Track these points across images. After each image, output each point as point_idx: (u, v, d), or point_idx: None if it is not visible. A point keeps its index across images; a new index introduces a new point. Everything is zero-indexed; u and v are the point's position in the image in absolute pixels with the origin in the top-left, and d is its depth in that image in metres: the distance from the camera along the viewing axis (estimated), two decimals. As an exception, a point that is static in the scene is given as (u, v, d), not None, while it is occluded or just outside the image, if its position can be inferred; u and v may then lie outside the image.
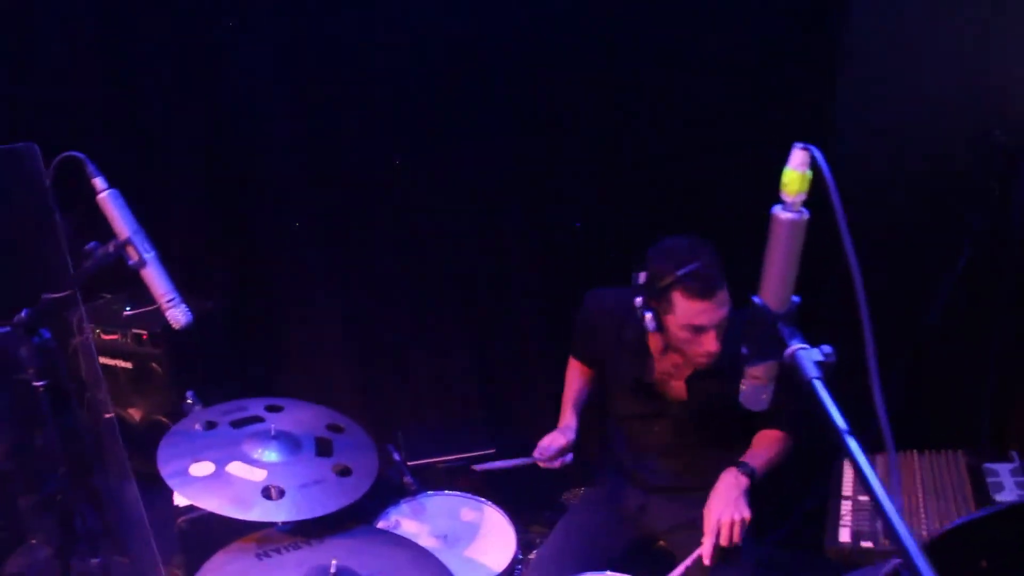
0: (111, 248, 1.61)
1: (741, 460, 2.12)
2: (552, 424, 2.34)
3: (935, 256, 2.58)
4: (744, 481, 2.06)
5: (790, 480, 2.32)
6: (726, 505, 2.01)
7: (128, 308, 3.44)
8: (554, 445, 2.18)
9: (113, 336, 3.36)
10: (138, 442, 2.87)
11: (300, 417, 2.14)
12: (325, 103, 3.27)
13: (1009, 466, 2.07)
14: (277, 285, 3.64)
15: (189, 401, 3.04)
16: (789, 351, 1.02)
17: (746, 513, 2.01)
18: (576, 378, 2.43)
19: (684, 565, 2.01)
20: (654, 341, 2.16)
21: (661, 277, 1.96)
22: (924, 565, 0.79)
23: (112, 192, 1.63)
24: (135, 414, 3.41)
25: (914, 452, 2.19)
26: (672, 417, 2.23)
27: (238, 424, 2.06)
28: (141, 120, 3.52)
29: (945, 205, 2.58)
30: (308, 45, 3.21)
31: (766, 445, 2.18)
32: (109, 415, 2.51)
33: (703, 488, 2.17)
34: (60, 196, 1.93)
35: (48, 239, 2.01)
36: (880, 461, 1.81)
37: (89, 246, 1.63)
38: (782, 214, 1.09)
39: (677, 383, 2.19)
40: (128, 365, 3.38)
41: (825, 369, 1.00)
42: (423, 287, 3.38)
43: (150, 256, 1.62)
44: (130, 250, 1.60)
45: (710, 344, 1.98)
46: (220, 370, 3.47)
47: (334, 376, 3.59)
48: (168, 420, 3.34)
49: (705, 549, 1.98)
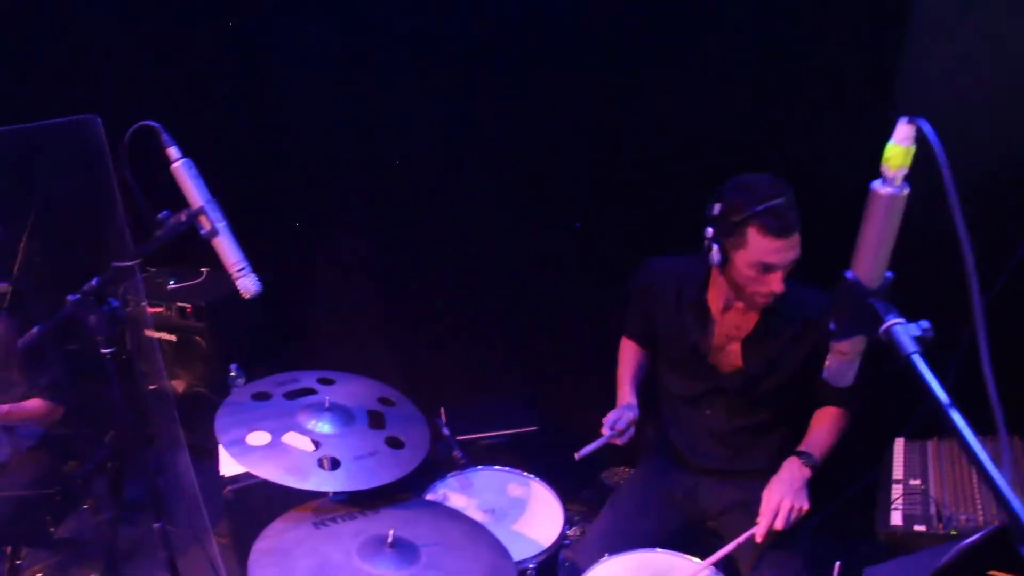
0: (183, 217, 1.61)
1: (804, 451, 2.11)
2: (590, 400, 2.33)
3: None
4: (807, 472, 2.07)
5: (834, 464, 2.30)
6: (788, 491, 2.02)
7: (172, 281, 3.48)
8: (624, 419, 2.17)
9: (157, 309, 3.41)
10: (180, 413, 2.92)
11: (352, 390, 2.14)
12: (365, 89, 3.29)
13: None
14: (319, 262, 3.67)
15: (233, 374, 3.08)
16: (885, 326, 1.01)
17: (805, 504, 2.02)
18: (631, 358, 2.41)
19: (737, 542, 2.02)
20: (714, 296, 2.15)
21: (738, 210, 1.91)
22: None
23: (186, 161, 1.63)
24: (177, 386, 3.45)
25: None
26: (726, 396, 2.22)
27: (291, 396, 2.07)
28: (186, 97, 3.56)
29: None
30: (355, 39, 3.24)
31: (826, 430, 2.16)
32: (164, 385, 2.55)
33: (753, 472, 2.18)
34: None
35: (110, 209, 2.03)
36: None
37: (161, 215, 1.63)
38: (882, 189, 1.06)
39: (734, 348, 2.17)
40: (172, 338, 3.43)
41: (923, 344, 0.99)
42: (463, 265, 3.39)
43: (222, 225, 1.62)
44: (203, 219, 1.60)
45: (775, 283, 1.94)
46: (261, 344, 3.51)
47: (374, 352, 3.61)
48: (209, 392, 3.39)
49: (760, 528, 1.99)
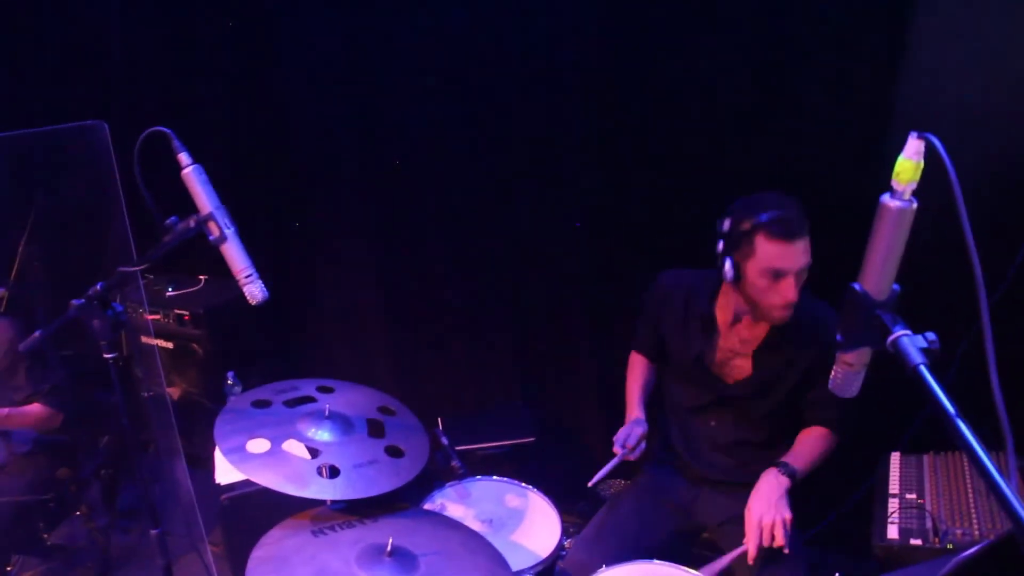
0: (192, 223, 1.61)
1: (783, 460, 2.12)
2: (589, 411, 2.33)
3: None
4: (785, 482, 2.07)
5: (829, 478, 2.31)
6: (768, 507, 2.01)
7: (170, 289, 3.48)
8: (634, 434, 2.19)
9: (155, 316, 3.41)
10: (175, 420, 2.91)
11: (352, 398, 2.14)
12: (365, 89, 3.31)
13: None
14: (316, 271, 3.67)
15: (230, 382, 3.08)
16: (892, 337, 1.02)
17: (787, 514, 2.01)
18: (640, 373, 2.43)
19: (729, 558, 2.03)
20: (723, 308, 2.17)
21: (746, 221, 1.95)
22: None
23: (196, 167, 1.63)
24: (173, 393, 3.44)
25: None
26: (732, 407, 2.24)
27: (291, 404, 2.06)
28: (186, 97, 3.58)
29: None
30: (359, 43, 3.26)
31: (810, 445, 2.17)
32: (161, 392, 2.54)
33: (753, 485, 2.19)
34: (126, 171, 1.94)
35: (115, 213, 2.03)
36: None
37: (169, 220, 1.64)
38: (891, 202, 1.08)
39: (741, 362, 2.19)
40: (169, 345, 3.43)
41: (929, 356, 1.01)
42: (461, 274, 3.40)
43: (230, 232, 1.62)
44: (211, 225, 1.60)
45: (788, 291, 1.94)
46: (258, 352, 3.50)
47: (372, 361, 3.61)
48: (206, 400, 3.38)
49: (750, 551, 1.99)
